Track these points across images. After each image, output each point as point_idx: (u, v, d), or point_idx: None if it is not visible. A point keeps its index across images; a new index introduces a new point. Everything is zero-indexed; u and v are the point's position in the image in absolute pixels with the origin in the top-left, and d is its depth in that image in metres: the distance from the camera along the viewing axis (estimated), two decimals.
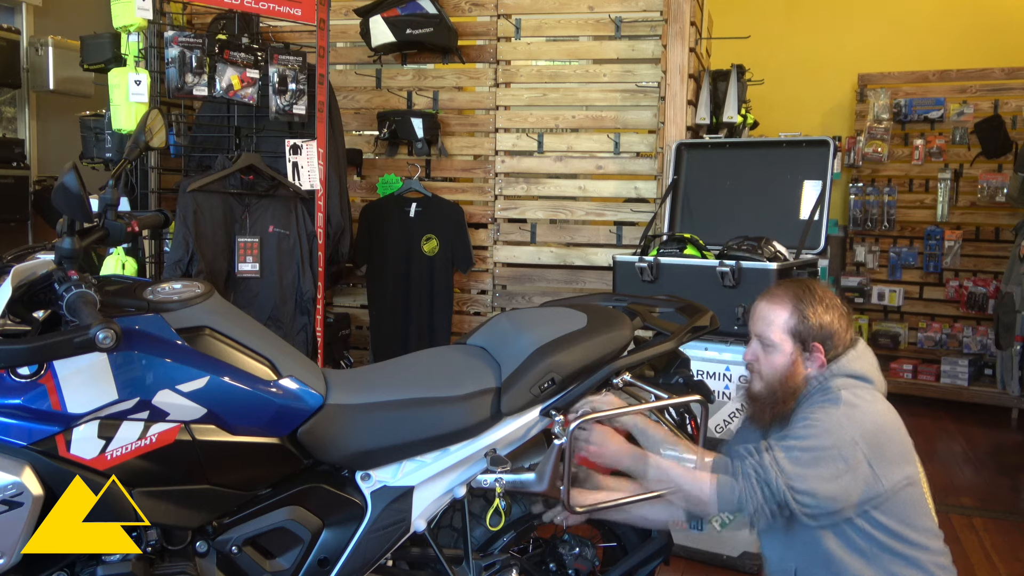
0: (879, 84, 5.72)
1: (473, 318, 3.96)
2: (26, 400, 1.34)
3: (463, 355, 1.82)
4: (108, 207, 1.64)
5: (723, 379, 2.85)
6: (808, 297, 1.83)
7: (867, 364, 1.84)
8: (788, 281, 1.93)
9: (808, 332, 1.81)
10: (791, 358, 1.82)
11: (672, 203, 3.43)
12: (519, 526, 1.91)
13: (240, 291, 3.03)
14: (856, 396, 1.75)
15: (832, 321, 1.82)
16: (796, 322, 1.81)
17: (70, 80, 4.25)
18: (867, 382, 1.81)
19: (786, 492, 1.65)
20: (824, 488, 1.65)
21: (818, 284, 1.90)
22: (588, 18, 3.73)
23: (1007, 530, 3.30)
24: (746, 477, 1.68)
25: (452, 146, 3.95)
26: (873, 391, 1.80)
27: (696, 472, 1.74)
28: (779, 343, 1.82)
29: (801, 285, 1.87)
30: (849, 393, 1.75)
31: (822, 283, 1.94)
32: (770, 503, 1.66)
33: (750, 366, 1.89)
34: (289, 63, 3.07)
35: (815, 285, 1.87)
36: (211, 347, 1.49)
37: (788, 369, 1.82)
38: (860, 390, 1.77)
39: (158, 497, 1.45)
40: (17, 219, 4.09)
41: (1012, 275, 4.43)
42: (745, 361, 1.90)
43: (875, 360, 1.89)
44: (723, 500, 1.70)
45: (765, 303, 1.87)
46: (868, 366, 1.84)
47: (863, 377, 1.81)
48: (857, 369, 1.82)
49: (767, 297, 1.88)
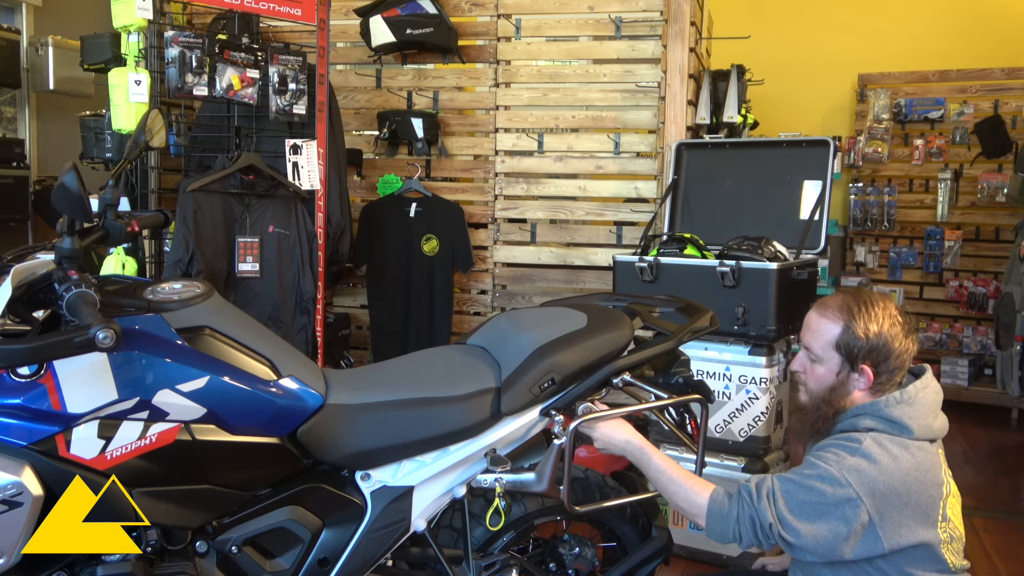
0: (879, 84, 5.72)
1: (473, 318, 3.96)
2: (26, 400, 1.34)
3: (463, 355, 1.81)
4: (108, 207, 1.64)
5: (723, 379, 2.85)
6: (862, 309, 1.69)
7: (911, 411, 1.66)
8: (845, 290, 1.81)
9: (857, 349, 1.68)
10: (837, 374, 1.71)
11: (672, 203, 3.43)
12: (519, 526, 1.91)
13: (240, 291, 3.03)
14: (880, 448, 1.61)
15: (887, 339, 1.66)
16: (845, 336, 1.68)
17: (70, 80, 4.25)
18: (903, 431, 1.65)
19: (773, 525, 1.60)
20: (811, 538, 1.58)
21: (877, 296, 1.73)
22: (588, 18, 3.73)
23: (1007, 530, 3.29)
24: (740, 500, 1.64)
25: (452, 146, 3.95)
26: (904, 444, 1.63)
27: (696, 480, 1.71)
28: (825, 357, 1.73)
29: (856, 296, 1.73)
30: (873, 443, 1.62)
31: (884, 295, 1.76)
32: (757, 531, 1.62)
33: (796, 376, 1.82)
34: (289, 63, 3.07)
35: (872, 297, 1.72)
36: (211, 347, 1.49)
37: (834, 385, 1.72)
38: (889, 442, 1.62)
39: (158, 497, 1.45)
40: (17, 219, 4.09)
41: (1012, 275, 4.43)
42: (792, 371, 1.83)
43: (931, 401, 1.70)
44: (712, 516, 1.66)
45: (816, 313, 1.76)
46: (912, 413, 1.66)
47: (899, 424, 1.65)
48: (895, 415, 1.65)
49: (818, 306, 1.77)
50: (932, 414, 1.70)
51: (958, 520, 1.72)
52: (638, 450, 1.74)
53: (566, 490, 1.68)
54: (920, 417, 1.67)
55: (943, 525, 1.65)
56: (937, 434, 1.70)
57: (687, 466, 1.81)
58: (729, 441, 2.84)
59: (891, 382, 1.71)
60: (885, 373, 1.69)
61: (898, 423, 1.65)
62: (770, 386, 2.80)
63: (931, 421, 1.69)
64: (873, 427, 1.66)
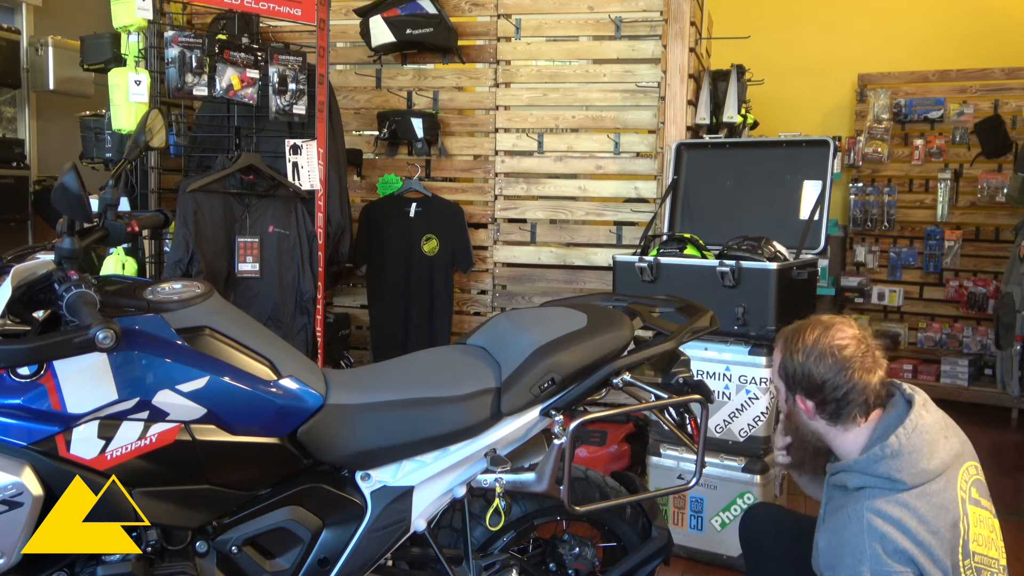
0: (879, 84, 5.72)
1: (473, 318, 3.96)
2: (26, 400, 1.34)
3: (463, 355, 1.81)
4: (108, 207, 1.64)
5: (723, 379, 2.85)
6: (794, 338, 1.65)
7: (897, 464, 1.55)
8: (809, 319, 1.72)
9: (787, 377, 1.66)
10: (786, 401, 1.72)
11: (672, 203, 3.43)
12: (519, 526, 1.91)
13: (240, 291, 3.03)
14: (880, 516, 1.53)
15: (810, 372, 1.61)
16: (782, 364, 1.68)
17: (70, 80, 4.25)
18: (895, 485, 1.55)
19: None
20: None
21: (822, 323, 1.65)
22: (588, 18, 3.73)
23: (1007, 530, 3.28)
24: None
25: (452, 146, 3.95)
26: (902, 502, 1.53)
27: None
28: (777, 385, 1.74)
29: (803, 325, 1.68)
30: (871, 513, 1.53)
31: (843, 321, 1.67)
32: None
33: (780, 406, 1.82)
34: (289, 63, 3.07)
35: (814, 324, 1.66)
36: (211, 347, 1.49)
37: (788, 413, 1.72)
38: (886, 506, 1.53)
39: (158, 497, 1.45)
40: (17, 219, 4.09)
41: (1012, 275, 4.43)
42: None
43: (923, 442, 1.57)
44: None
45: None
46: (899, 466, 1.55)
47: (889, 480, 1.55)
48: (882, 471, 1.56)
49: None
50: (926, 456, 1.57)
51: (986, 547, 1.63)
52: None
53: (566, 490, 1.68)
54: (911, 466, 1.56)
55: (966, 563, 1.57)
56: (938, 471, 1.58)
57: (687, 466, 1.81)
58: (729, 441, 2.84)
59: (846, 415, 1.63)
60: (828, 404, 1.63)
61: (887, 479, 1.56)
62: (770, 386, 2.80)
63: (925, 464, 1.56)
64: (863, 485, 1.59)
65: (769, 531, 1.76)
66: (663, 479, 2.91)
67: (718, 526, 2.85)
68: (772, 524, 1.95)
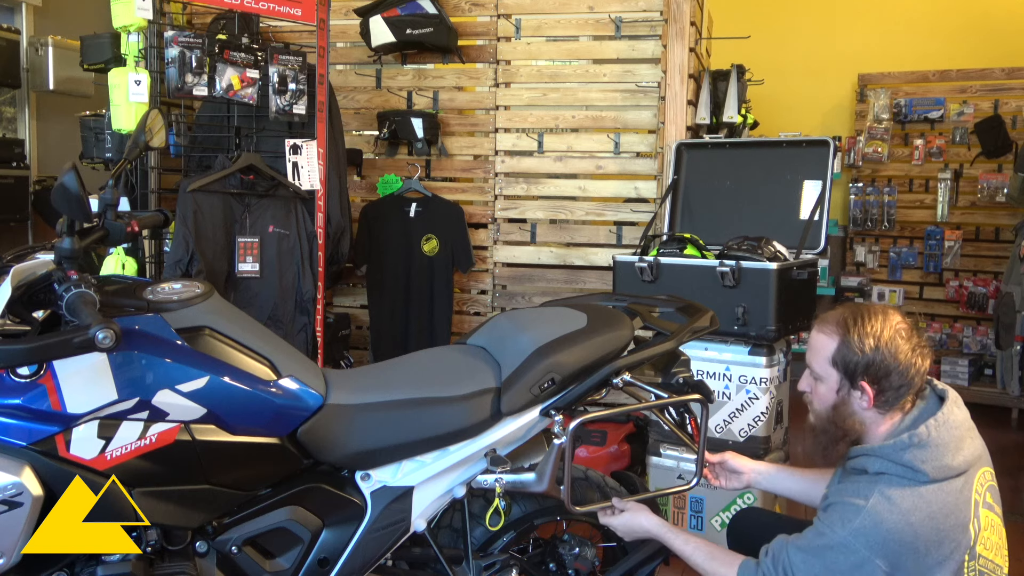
0: (879, 84, 5.72)
1: (473, 318, 3.96)
2: (26, 400, 1.34)
3: (463, 355, 1.81)
4: (108, 207, 1.64)
5: (723, 379, 2.85)
6: (858, 322, 1.60)
7: (923, 455, 1.54)
8: (845, 304, 1.71)
9: (854, 364, 1.60)
10: (837, 392, 1.64)
11: (672, 203, 3.43)
12: (519, 526, 1.91)
13: (240, 291, 3.03)
14: (888, 504, 1.52)
15: (885, 353, 1.57)
16: (842, 351, 1.61)
17: (70, 80, 4.25)
18: (916, 476, 1.54)
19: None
20: None
21: (879, 309, 1.64)
22: (588, 18, 3.73)
23: (1007, 530, 3.28)
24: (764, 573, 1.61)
25: (452, 146, 3.95)
26: (918, 493, 1.52)
27: (722, 558, 1.70)
28: (824, 375, 1.66)
29: (855, 309, 1.64)
30: (881, 498, 1.53)
31: (888, 308, 1.67)
32: None
33: (804, 397, 1.76)
34: (289, 63, 3.07)
35: (871, 309, 1.63)
36: (211, 347, 1.49)
37: (835, 404, 1.65)
38: (900, 494, 1.52)
39: (158, 497, 1.45)
40: (17, 219, 4.08)
41: (1012, 275, 4.43)
42: (799, 391, 1.79)
43: (951, 437, 1.57)
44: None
45: (815, 329, 1.68)
46: (925, 456, 1.54)
47: (911, 469, 1.54)
48: (906, 460, 1.55)
49: (817, 322, 1.69)
50: (951, 451, 1.56)
51: (993, 553, 1.62)
52: (661, 534, 1.77)
53: (566, 490, 1.68)
54: (935, 459, 1.54)
55: (971, 564, 1.57)
56: (960, 469, 1.57)
57: (687, 466, 1.81)
58: (729, 441, 2.84)
59: (899, 402, 1.62)
60: (889, 391, 1.60)
61: (909, 468, 1.54)
62: (770, 386, 2.80)
63: (950, 460, 1.55)
64: (883, 471, 1.57)
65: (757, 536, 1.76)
66: (663, 479, 2.91)
67: (718, 526, 2.85)
68: (760, 528, 1.96)
